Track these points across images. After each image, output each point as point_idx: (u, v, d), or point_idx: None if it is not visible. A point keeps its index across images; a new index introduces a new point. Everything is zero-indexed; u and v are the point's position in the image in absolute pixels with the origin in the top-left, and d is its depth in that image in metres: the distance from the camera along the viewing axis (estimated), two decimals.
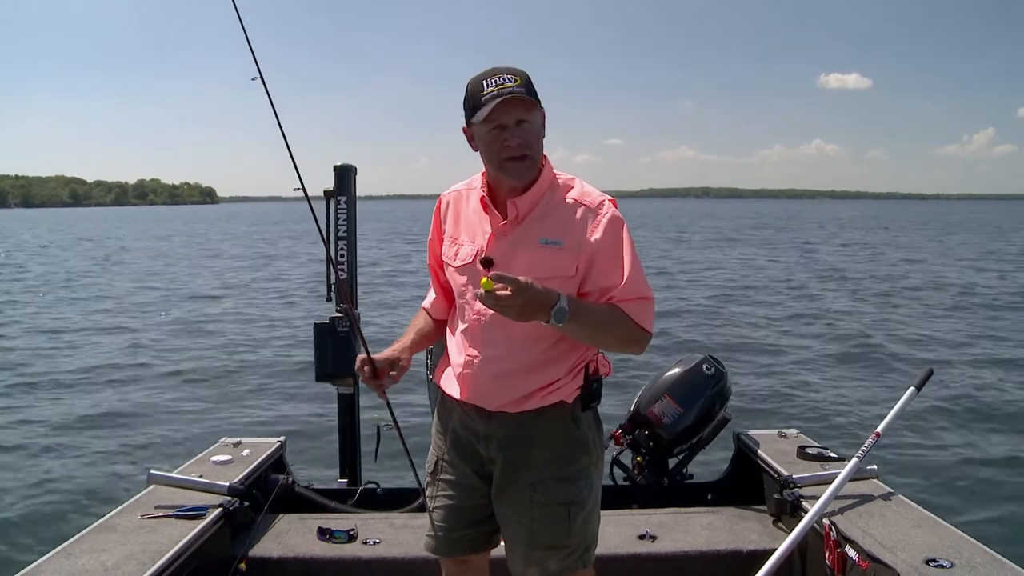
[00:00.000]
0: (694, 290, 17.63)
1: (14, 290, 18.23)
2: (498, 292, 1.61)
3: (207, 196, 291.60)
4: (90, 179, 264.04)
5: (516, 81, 1.72)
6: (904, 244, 34.89)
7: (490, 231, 1.84)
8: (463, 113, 1.81)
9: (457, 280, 1.91)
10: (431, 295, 2.11)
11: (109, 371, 9.14)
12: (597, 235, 1.79)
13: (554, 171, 1.87)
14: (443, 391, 1.99)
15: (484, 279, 1.62)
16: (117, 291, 17.97)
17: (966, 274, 21.11)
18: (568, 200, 1.83)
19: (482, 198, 1.87)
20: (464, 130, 1.82)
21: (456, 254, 1.90)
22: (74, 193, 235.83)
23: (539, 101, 1.77)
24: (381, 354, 1.96)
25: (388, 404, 2.11)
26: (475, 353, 1.87)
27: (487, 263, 1.66)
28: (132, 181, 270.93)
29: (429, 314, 2.10)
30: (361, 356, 1.94)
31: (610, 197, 1.85)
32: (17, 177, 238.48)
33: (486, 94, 1.71)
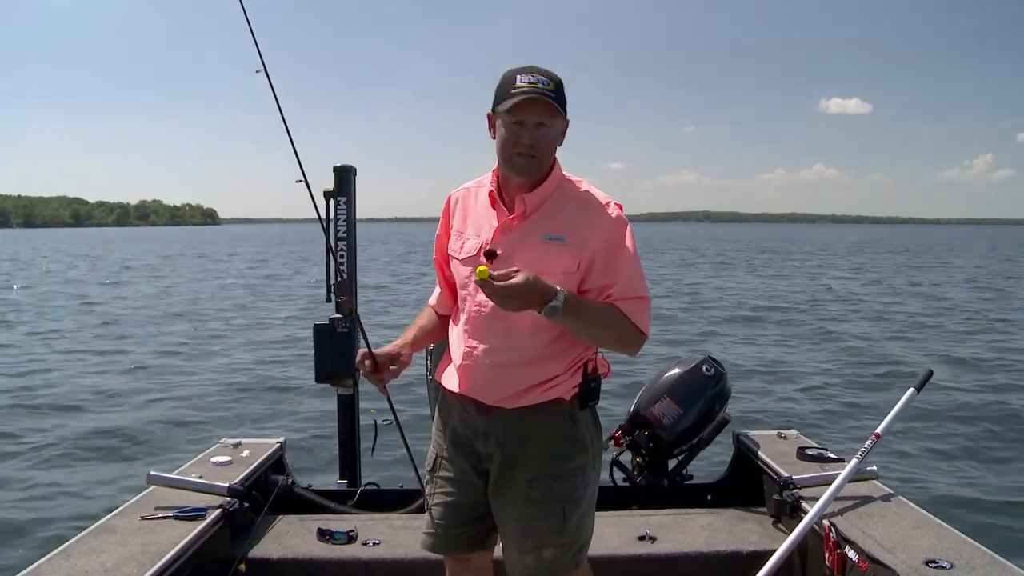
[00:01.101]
0: (696, 297, 17.66)
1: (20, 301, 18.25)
2: (495, 277, 1.63)
3: (208, 217, 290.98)
4: (92, 199, 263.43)
5: (549, 85, 1.76)
6: (910, 264, 34.97)
7: (496, 225, 1.87)
8: (492, 99, 1.83)
9: (461, 272, 1.94)
10: (436, 291, 2.13)
11: (109, 372, 9.15)
12: (600, 235, 1.82)
13: (563, 172, 1.90)
14: (443, 387, 2.01)
15: (480, 267, 1.65)
16: (122, 299, 17.99)
17: (972, 290, 21.17)
18: (575, 200, 1.87)
19: (491, 193, 1.90)
20: (488, 115, 1.85)
21: (462, 247, 1.94)
22: (76, 213, 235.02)
23: (565, 110, 1.80)
24: (382, 349, 1.98)
25: (389, 399, 2.13)
26: (475, 344, 1.89)
27: (490, 255, 1.70)
28: (134, 202, 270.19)
29: (435, 311, 2.12)
30: (362, 350, 1.95)
31: (616, 201, 1.88)
32: (19, 197, 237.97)
33: (517, 88, 1.75)
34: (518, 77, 1.76)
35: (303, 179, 2.24)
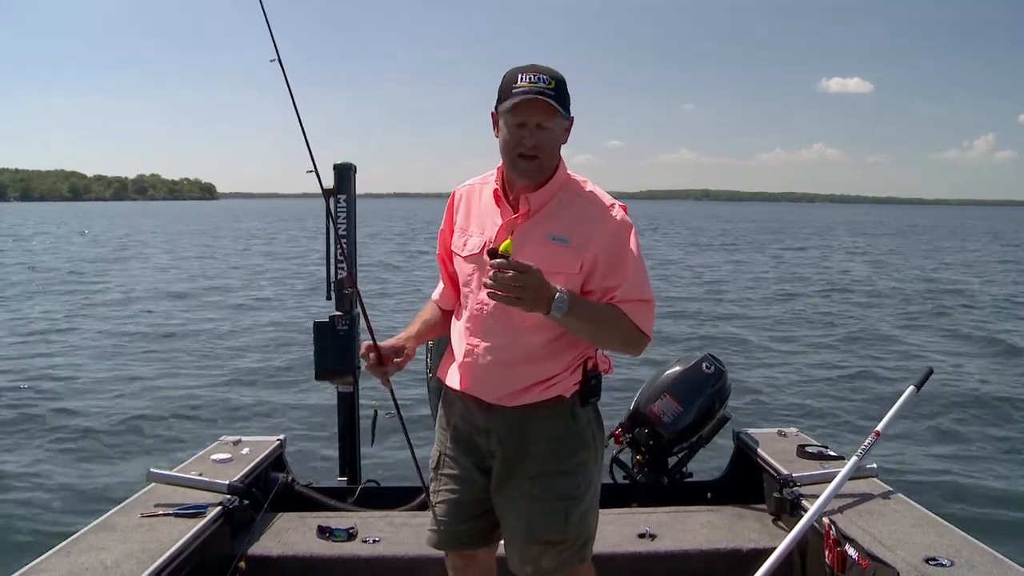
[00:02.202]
0: (696, 291, 17.65)
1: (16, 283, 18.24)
2: (508, 266, 1.64)
3: (207, 192, 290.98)
4: (90, 173, 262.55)
5: (550, 84, 1.76)
6: (907, 250, 34.94)
7: (500, 223, 1.88)
8: (495, 97, 1.85)
9: (463, 269, 1.96)
10: (440, 286, 2.15)
11: (108, 370, 9.14)
12: (604, 236, 1.83)
13: (568, 172, 1.91)
14: (445, 385, 2.02)
15: (507, 240, 1.67)
16: (118, 288, 17.98)
17: (971, 279, 21.16)
18: (579, 201, 1.88)
19: (495, 191, 1.91)
20: (492, 114, 1.87)
21: (465, 244, 1.95)
22: (74, 187, 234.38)
23: (567, 109, 1.80)
24: (386, 342, 2.00)
25: (392, 392, 2.15)
26: (476, 342, 1.90)
27: (493, 254, 1.71)
28: (132, 176, 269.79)
29: (438, 305, 2.14)
30: (367, 343, 1.97)
31: (621, 203, 1.89)
32: (17, 171, 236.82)
33: (518, 88, 1.76)
34: (519, 76, 1.77)
35: (314, 170, 2.27)
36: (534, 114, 1.76)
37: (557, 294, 1.68)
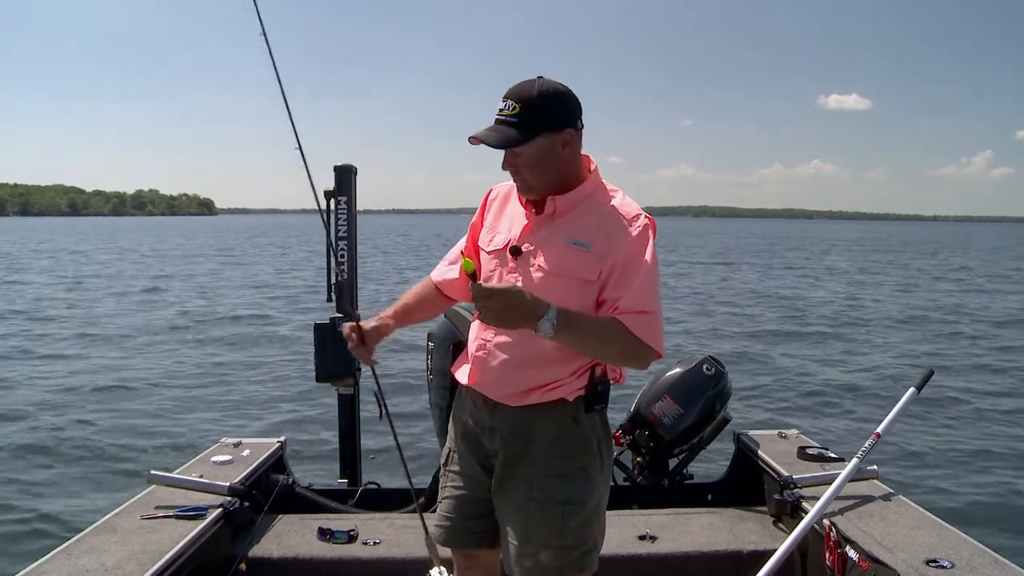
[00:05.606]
0: (697, 295, 17.67)
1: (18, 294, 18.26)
2: (474, 291, 1.66)
3: (205, 207, 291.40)
4: (88, 189, 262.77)
5: (513, 110, 1.75)
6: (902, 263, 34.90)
7: (527, 223, 1.89)
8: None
9: (486, 265, 1.97)
10: (445, 268, 2.14)
11: (109, 371, 9.15)
12: (624, 246, 1.81)
13: (600, 179, 1.90)
14: (458, 381, 2.04)
15: (465, 259, 1.72)
16: (122, 293, 18.00)
17: (970, 292, 21.17)
18: (605, 209, 1.86)
19: None
20: None
21: (491, 240, 1.98)
22: (72, 202, 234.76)
23: (532, 131, 1.76)
24: (367, 322, 2.03)
25: (373, 371, 2.22)
26: (488, 337, 1.91)
27: (515, 251, 1.76)
28: (130, 191, 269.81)
29: (439, 288, 2.13)
30: (349, 324, 2.00)
31: (648, 214, 1.87)
32: (16, 185, 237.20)
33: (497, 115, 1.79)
34: (501, 104, 1.78)
35: (298, 147, 2.29)
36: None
37: (545, 316, 1.66)
